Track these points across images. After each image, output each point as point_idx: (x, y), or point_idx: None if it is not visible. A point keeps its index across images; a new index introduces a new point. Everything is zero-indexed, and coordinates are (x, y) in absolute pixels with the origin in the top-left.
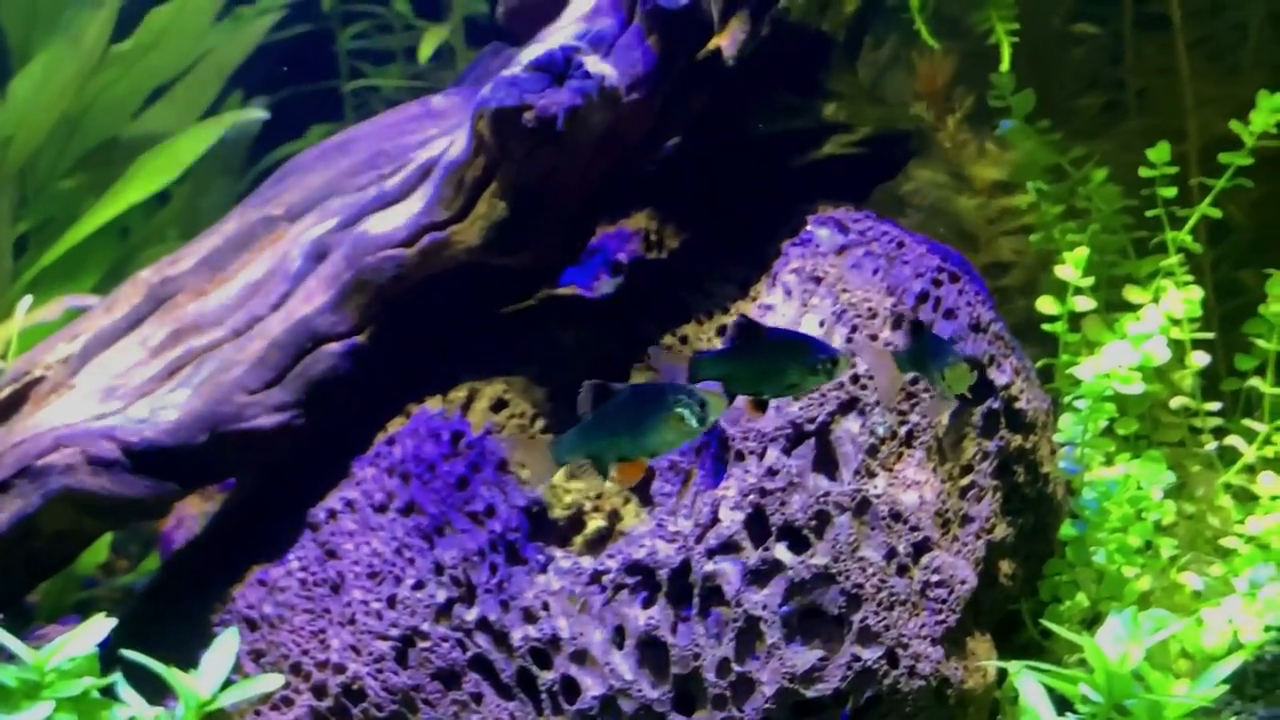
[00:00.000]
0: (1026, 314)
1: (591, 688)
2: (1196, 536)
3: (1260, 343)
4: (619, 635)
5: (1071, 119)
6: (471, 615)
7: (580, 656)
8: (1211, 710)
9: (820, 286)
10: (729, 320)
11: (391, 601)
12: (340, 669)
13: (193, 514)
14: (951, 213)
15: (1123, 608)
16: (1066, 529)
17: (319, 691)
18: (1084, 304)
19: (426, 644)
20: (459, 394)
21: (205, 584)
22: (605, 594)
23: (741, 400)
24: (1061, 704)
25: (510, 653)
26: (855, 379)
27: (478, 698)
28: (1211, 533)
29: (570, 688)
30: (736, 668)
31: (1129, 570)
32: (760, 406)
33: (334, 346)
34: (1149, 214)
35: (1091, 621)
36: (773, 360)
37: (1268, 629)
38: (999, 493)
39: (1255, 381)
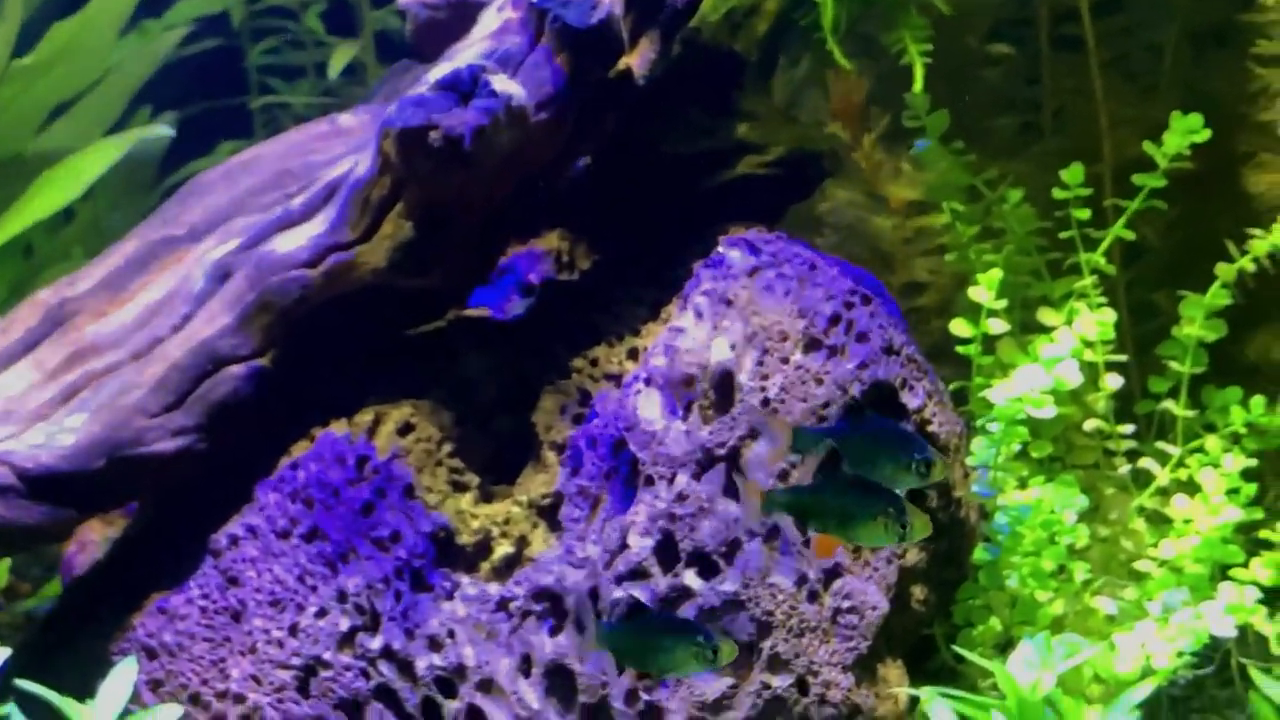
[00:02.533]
0: (941, 335)
1: (497, 717)
2: (1110, 560)
3: (1173, 365)
4: (526, 663)
5: (987, 139)
6: (376, 644)
7: (486, 685)
8: None
9: (731, 309)
10: (640, 343)
11: (293, 630)
12: (240, 699)
13: (95, 538)
14: (867, 233)
15: (1036, 632)
16: (979, 553)
17: None
18: (998, 326)
19: (329, 673)
20: (365, 417)
21: (105, 611)
22: (512, 621)
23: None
24: None
25: (415, 682)
26: (765, 402)
27: None
28: (1125, 556)
29: (476, 717)
30: (645, 697)
31: (1042, 595)
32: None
33: (236, 369)
34: (1063, 235)
35: (1004, 646)
36: (870, 449)
37: (1180, 654)
38: None
39: (1168, 404)
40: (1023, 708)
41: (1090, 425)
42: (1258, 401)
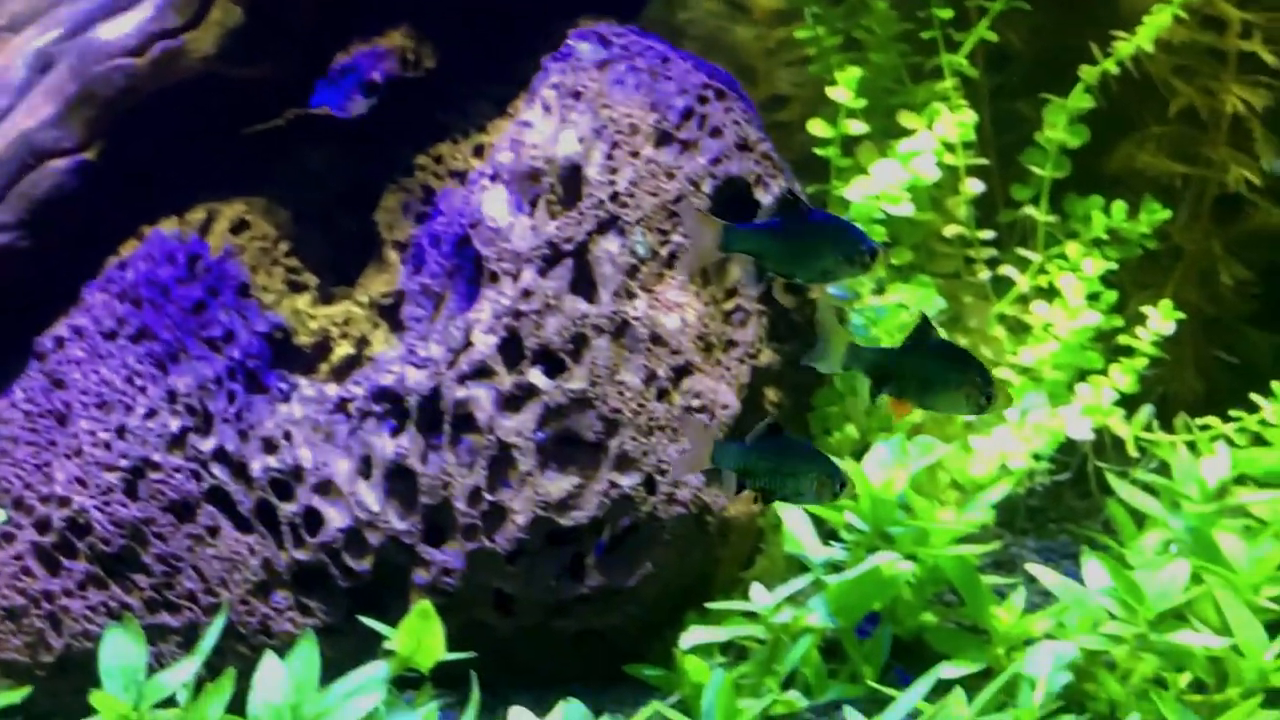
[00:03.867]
0: (805, 150)
1: (335, 519)
2: None
3: (1036, 170)
4: (365, 465)
5: None
6: (208, 445)
7: (324, 487)
8: (979, 538)
9: (580, 102)
10: (487, 139)
11: (121, 432)
12: (65, 502)
13: None
14: (728, 44)
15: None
16: None
17: (42, 526)
18: (857, 128)
19: (158, 475)
20: (197, 215)
21: None
22: (351, 422)
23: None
24: (830, 534)
25: (249, 484)
26: (614, 196)
27: (214, 531)
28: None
29: (313, 520)
30: (488, 497)
31: None
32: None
33: (59, 163)
34: (925, 35)
35: (862, 453)
36: (810, 242)
37: (1035, 457)
38: (765, 317)
39: (1030, 210)
40: (876, 507)
41: (951, 231)
42: (1119, 207)
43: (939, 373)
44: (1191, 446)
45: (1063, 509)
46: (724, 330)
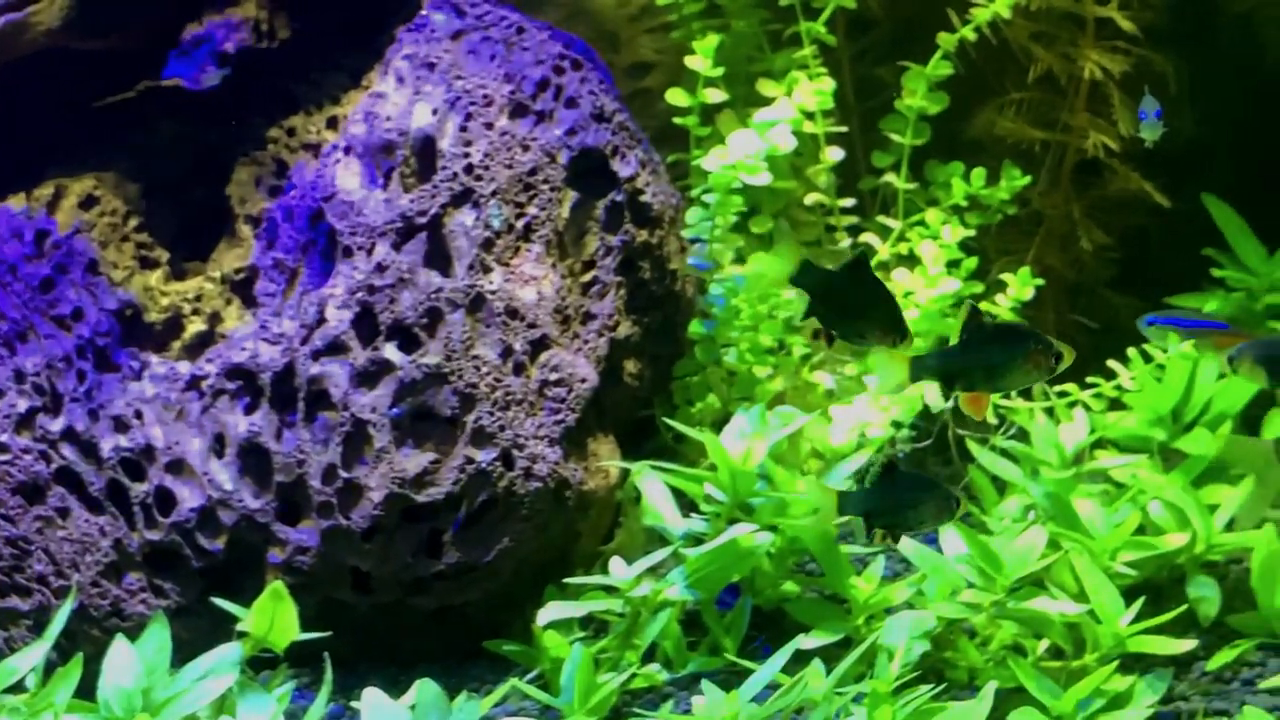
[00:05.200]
0: (668, 117)
1: (188, 499)
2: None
3: (895, 138)
4: (219, 443)
5: None
6: (57, 425)
7: (176, 467)
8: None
9: (433, 73)
10: (341, 111)
11: None
12: None
13: None
14: (592, 10)
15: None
16: (695, 327)
17: None
18: (715, 96)
19: (5, 457)
20: (45, 190)
21: None
22: (204, 400)
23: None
24: (690, 506)
25: (100, 464)
26: (469, 168)
27: (64, 512)
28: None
29: (165, 500)
30: (343, 474)
31: (761, 370)
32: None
33: None
34: (784, 2)
35: (723, 423)
36: (994, 356)
37: (896, 425)
38: (623, 289)
39: (890, 178)
40: (735, 478)
41: (811, 199)
42: (978, 174)
43: (1000, 355)
44: (1050, 412)
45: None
46: (582, 303)
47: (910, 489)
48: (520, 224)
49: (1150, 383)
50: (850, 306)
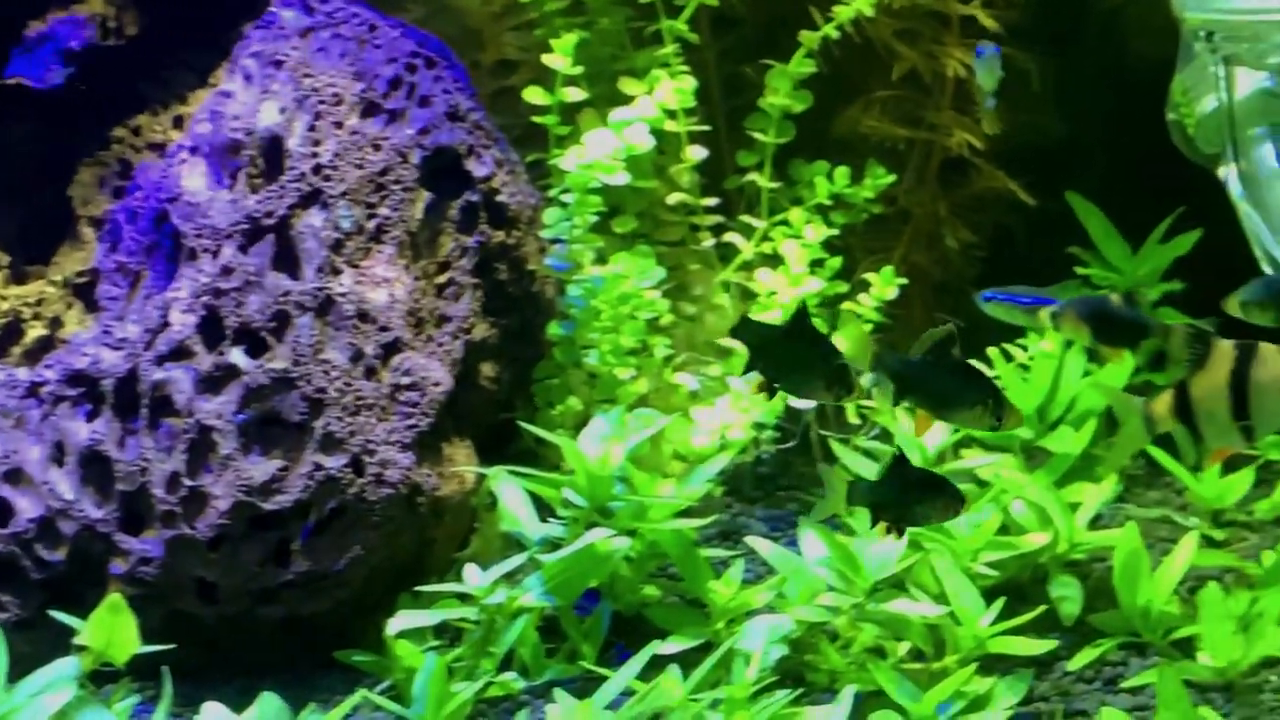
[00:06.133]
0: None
1: (27, 509)
2: (695, 337)
3: (759, 136)
4: (59, 452)
5: None
6: None
7: (14, 476)
8: (702, 509)
9: (282, 71)
10: (187, 110)
11: None
12: None
13: None
14: (456, 7)
15: None
16: (554, 328)
17: None
18: (575, 95)
19: None
20: None
21: None
22: (44, 408)
23: None
24: (549, 511)
25: None
26: (318, 168)
27: None
28: (710, 333)
29: (3, 510)
30: (188, 482)
31: (622, 372)
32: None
33: None
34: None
35: (584, 426)
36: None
37: (759, 427)
38: (479, 291)
39: (754, 177)
40: (592, 481)
41: (674, 199)
42: (842, 173)
43: (955, 390)
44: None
45: (793, 477)
46: (436, 305)
47: (919, 484)
48: (371, 225)
49: (1015, 381)
50: (791, 361)
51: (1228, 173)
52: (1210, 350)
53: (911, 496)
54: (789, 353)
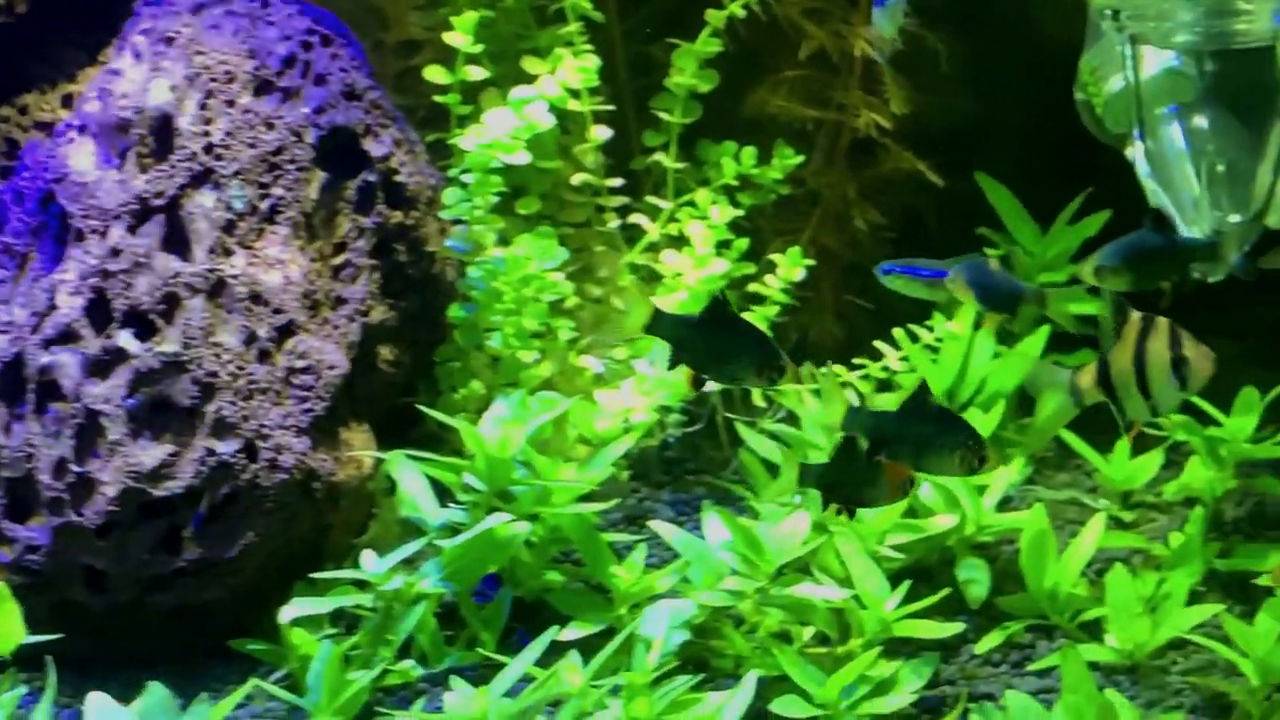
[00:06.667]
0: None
1: None
2: (602, 320)
3: (666, 117)
4: None
5: None
6: None
7: None
8: (605, 494)
9: (172, 48)
10: (76, 88)
11: None
12: None
13: None
14: None
15: None
16: (454, 310)
17: None
18: (478, 74)
19: None
20: None
21: None
22: None
23: None
24: (451, 497)
25: None
26: (209, 148)
27: None
28: (616, 315)
29: None
30: (75, 468)
31: (526, 355)
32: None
33: None
34: None
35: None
36: (726, 345)
37: (666, 410)
38: (377, 273)
39: (660, 157)
40: (492, 466)
41: (579, 180)
42: (749, 153)
43: (933, 437)
44: (818, 394)
45: (700, 460)
46: (332, 287)
47: (867, 465)
48: (265, 205)
49: (924, 362)
50: (717, 350)
51: (1135, 153)
52: (1126, 322)
53: (861, 477)
54: (713, 342)
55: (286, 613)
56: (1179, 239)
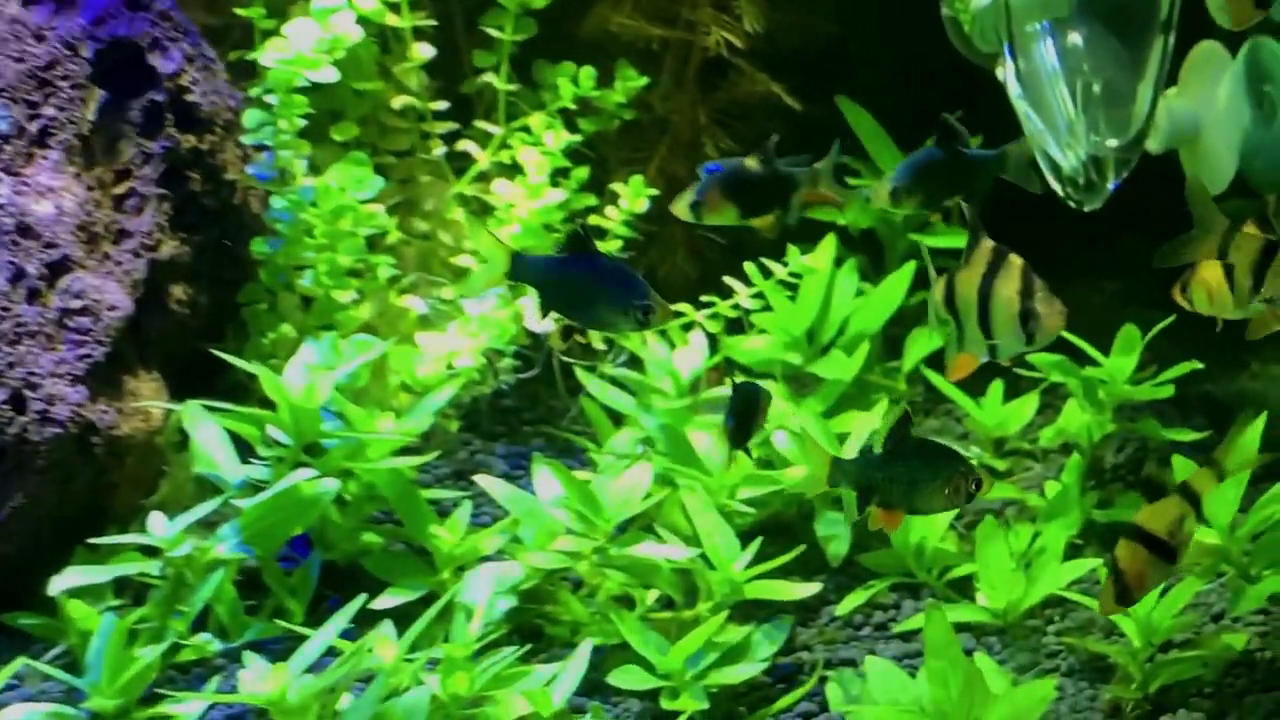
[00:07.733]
0: None
1: None
2: (429, 257)
3: (496, 34)
4: None
5: None
6: None
7: None
8: (428, 447)
9: None
10: None
11: None
12: None
13: None
14: None
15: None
16: (259, 246)
17: None
18: None
19: None
20: None
21: None
22: None
23: None
24: (254, 453)
25: None
26: None
27: None
28: (444, 251)
29: None
30: None
31: (342, 295)
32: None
33: None
34: None
35: None
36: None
37: (503, 355)
38: (167, 203)
39: (491, 79)
40: (297, 417)
41: (401, 103)
42: (587, 74)
43: (922, 472)
44: (664, 335)
45: (539, 410)
46: (114, 219)
47: (921, 458)
48: (34, 127)
49: (783, 302)
50: (584, 292)
51: (1006, 72)
52: (977, 247)
53: (913, 475)
54: (577, 285)
55: (58, 583)
56: (968, 153)
